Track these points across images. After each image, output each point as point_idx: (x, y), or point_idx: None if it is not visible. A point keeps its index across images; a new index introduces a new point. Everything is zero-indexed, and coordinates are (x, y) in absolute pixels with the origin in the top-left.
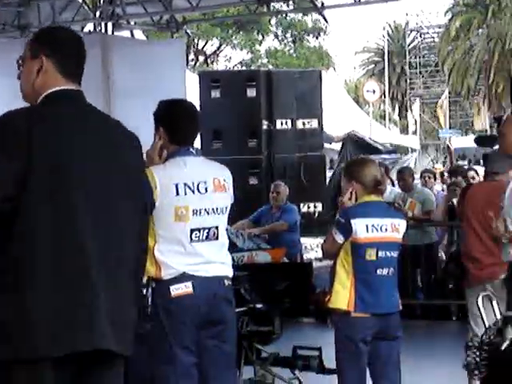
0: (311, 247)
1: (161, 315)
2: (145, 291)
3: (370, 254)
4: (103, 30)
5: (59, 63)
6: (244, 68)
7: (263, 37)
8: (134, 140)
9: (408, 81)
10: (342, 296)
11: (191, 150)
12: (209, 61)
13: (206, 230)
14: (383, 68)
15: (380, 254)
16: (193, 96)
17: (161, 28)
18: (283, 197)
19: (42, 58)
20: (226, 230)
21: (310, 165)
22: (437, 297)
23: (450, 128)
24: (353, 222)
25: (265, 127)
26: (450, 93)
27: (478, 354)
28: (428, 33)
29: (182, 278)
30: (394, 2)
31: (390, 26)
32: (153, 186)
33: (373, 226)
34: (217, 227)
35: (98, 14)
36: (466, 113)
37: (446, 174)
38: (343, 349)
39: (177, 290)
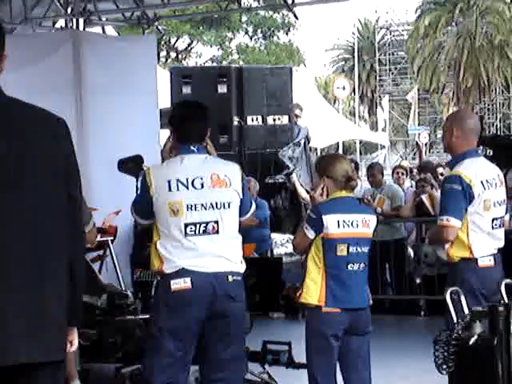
0: (281, 243)
1: (159, 307)
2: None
3: (342, 250)
4: (74, 26)
5: None
6: (215, 64)
7: (234, 34)
8: (51, 125)
9: (377, 78)
10: (313, 291)
11: (193, 147)
12: (180, 57)
13: (204, 225)
14: (353, 65)
15: (351, 249)
16: (164, 92)
17: (132, 24)
18: (253, 192)
19: None
20: None
21: (280, 161)
22: (406, 292)
23: (418, 125)
24: (324, 217)
25: (236, 123)
26: (418, 90)
27: (446, 348)
28: (397, 30)
29: (182, 272)
30: None
31: (360, 22)
32: (149, 184)
33: (344, 221)
34: (216, 222)
35: (69, 10)
36: (435, 110)
37: (414, 171)
38: (314, 343)
39: (176, 284)
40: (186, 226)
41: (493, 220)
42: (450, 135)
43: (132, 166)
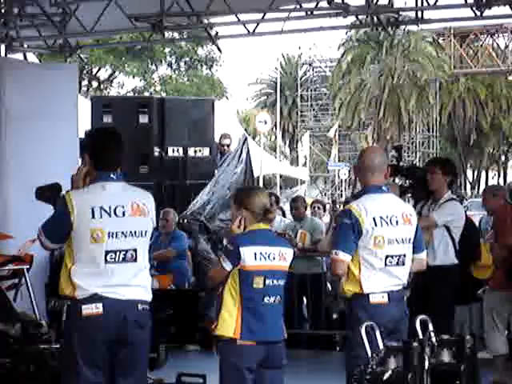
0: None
1: (71, 333)
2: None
3: (258, 282)
4: None
5: None
6: (137, 95)
7: (156, 65)
8: None
9: (299, 113)
10: (229, 323)
11: (112, 175)
12: (102, 87)
13: (123, 252)
14: (275, 100)
15: (267, 282)
16: (85, 121)
17: (54, 52)
18: (172, 224)
19: None
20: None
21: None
22: (322, 327)
23: (339, 161)
24: (241, 249)
25: (156, 154)
26: (339, 126)
27: (360, 383)
28: (320, 66)
29: (94, 298)
30: (288, 34)
31: (283, 57)
32: (70, 210)
33: (261, 253)
34: (135, 250)
35: None
36: (356, 146)
37: (328, 206)
38: (228, 376)
39: (87, 309)
40: (107, 253)
41: (387, 257)
42: (354, 172)
43: (50, 194)
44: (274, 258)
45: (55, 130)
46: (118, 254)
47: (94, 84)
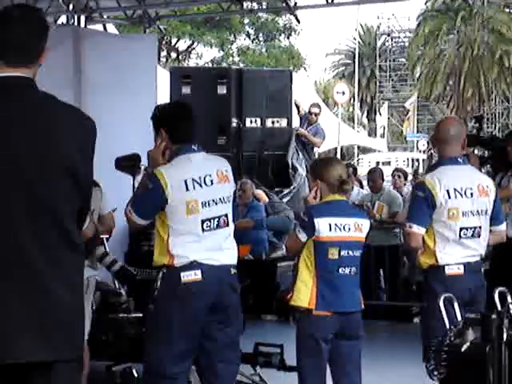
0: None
1: (169, 298)
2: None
3: (333, 253)
4: (76, 23)
5: None
6: (215, 66)
7: (235, 37)
8: (79, 128)
9: (377, 84)
10: (304, 294)
11: (193, 147)
12: (180, 58)
13: (217, 219)
14: (353, 70)
15: (342, 252)
16: (163, 92)
17: (133, 23)
18: (249, 194)
19: None
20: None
21: (278, 163)
22: (399, 298)
23: (417, 132)
24: (316, 220)
25: (234, 125)
26: (418, 97)
27: (437, 355)
28: (399, 37)
29: (193, 265)
30: (367, 4)
31: (362, 28)
32: (163, 186)
33: (336, 224)
34: (226, 215)
35: (71, 6)
36: (434, 117)
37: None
38: (304, 346)
39: (187, 276)
40: (203, 222)
41: (461, 229)
42: (432, 143)
43: (129, 164)
44: (349, 229)
45: (134, 100)
46: (212, 221)
47: (173, 55)
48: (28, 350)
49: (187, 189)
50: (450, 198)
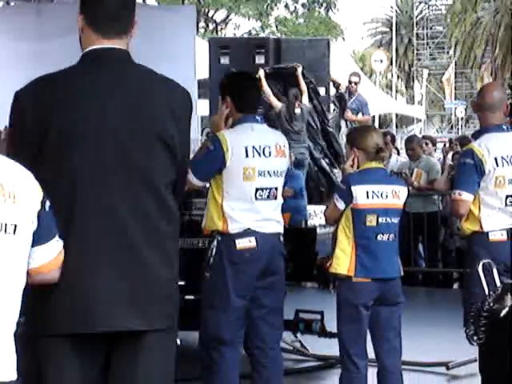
0: (315, 213)
1: (224, 265)
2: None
3: (371, 220)
4: None
5: (91, 21)
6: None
7: (272, 8)
8: (173, 99)
9: (415, 52)
10: (343, 261)
11: (257, 117)
12: (218, 28)
13: (268, 190)
14: (391, 39)
15: (380, 220)
16: (202, 62)
17: None
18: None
19: (79, 17)
20: None
21: None
22: (438, 264)
23: (455, 99)
24: (353, 188)
25: None
26: (456, 64)
27: (477, 320)
28: (436, 5)
29: (247, 233)
30: None
31: None
32: (225, 149)
33: (373, 192)
34: (276, 188)
35: None
36: (472, 85)
37: (453, 143)
38: (344, 313)
39: (242, 243)
40: (257, 190)
41: (507, 197)
42: (475, 109)
43: None
44: (386, 196)
45: (173, 70)
46: (264, 191)
47: (211, 26)
48: (122, 320)
49: (247, 155)
50: (497, 165)
